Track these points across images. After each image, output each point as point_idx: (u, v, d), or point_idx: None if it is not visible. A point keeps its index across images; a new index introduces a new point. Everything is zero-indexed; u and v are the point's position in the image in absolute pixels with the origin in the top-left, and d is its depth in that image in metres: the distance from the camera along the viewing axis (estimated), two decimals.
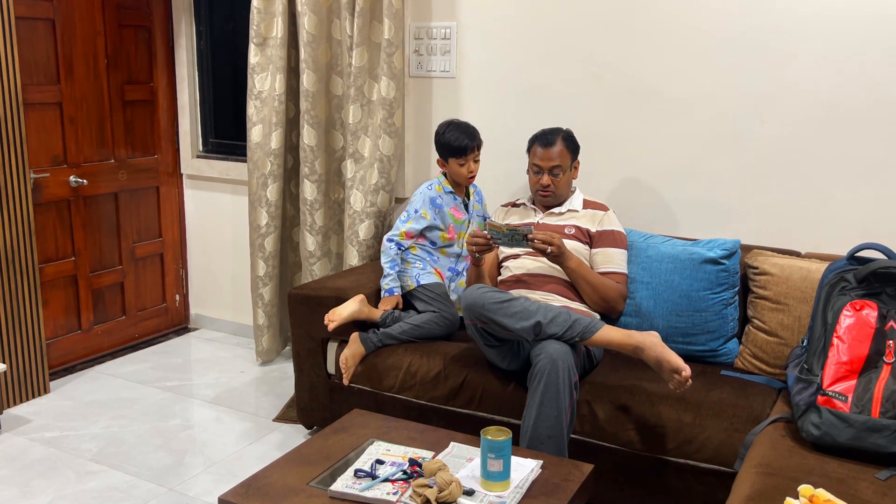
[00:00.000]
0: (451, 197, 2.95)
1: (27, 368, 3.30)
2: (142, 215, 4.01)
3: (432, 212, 2.91)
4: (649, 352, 2.28)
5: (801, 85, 2.68)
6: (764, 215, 2.81)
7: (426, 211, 2.91)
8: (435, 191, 2.93)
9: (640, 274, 2.71)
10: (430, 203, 2.91)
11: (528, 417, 2.29)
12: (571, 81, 3.05)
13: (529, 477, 1.99)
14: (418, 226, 2.91)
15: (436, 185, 2.95)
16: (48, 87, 3.48)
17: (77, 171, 3.64)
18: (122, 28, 3.78)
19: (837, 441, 1.93)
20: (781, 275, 2.53)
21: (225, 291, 4.16)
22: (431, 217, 2.91)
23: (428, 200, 2.91)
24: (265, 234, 3.59)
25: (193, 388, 3.51)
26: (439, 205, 2.92)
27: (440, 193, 2.93)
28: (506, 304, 2.37)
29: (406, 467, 2.00)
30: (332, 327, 2.74)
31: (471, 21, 3.21)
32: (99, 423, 3.15)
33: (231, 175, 3.95)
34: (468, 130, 2.89)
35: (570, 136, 2.81)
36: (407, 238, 2.92)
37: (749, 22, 2.72)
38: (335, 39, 3.39)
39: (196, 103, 4.09)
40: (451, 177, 2.94)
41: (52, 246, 3.58)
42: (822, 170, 2.70)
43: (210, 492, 2.65)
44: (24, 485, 2.69)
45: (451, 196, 2.95)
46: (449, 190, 2.95)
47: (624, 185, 3.03)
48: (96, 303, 3.83)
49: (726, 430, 2.22)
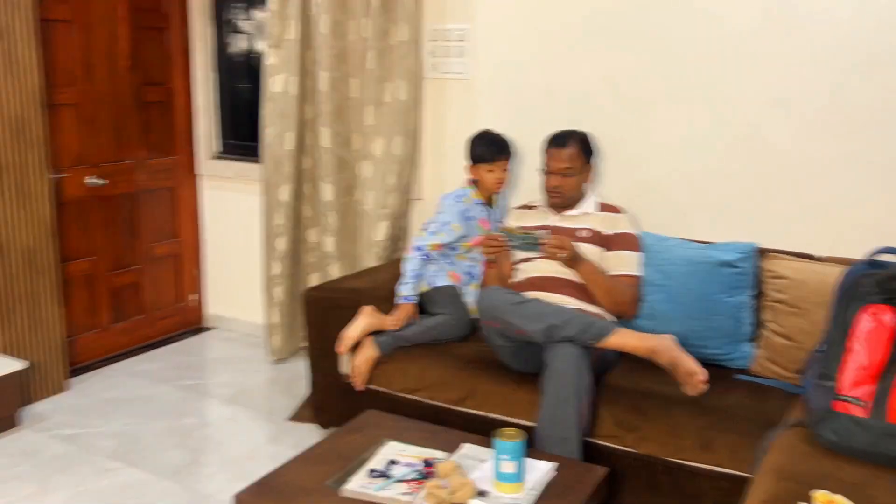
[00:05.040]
0: (479, 208, 2.96)
1: (47, 366, 3.34)
2: (159, 215, 4.04)
3: (463, 225, 2.91)
4: (664, 355, 2.27)
5: (817, 87, 2.67)
6: (780, 218, 2.80)
7: (458, 224, 2.90)
8: (464, 203, 2.93)
9: (655, 277, 2.71)
10: (461, 217, 2.91)
11: (542, 419, 2.29)
12: (586, 83, 3.05)
13: (543, 479, 1.99)
14: (449, 239, 2.90)
15: (464, 197, 2.95)
16: (68, 88, 3.51)
17: (96, 172, 3.67)
18: (141, 30, 3.81)
19: (854, 446, 1.92)
20: (797, 278, 2.52)
21: (240, 291, 4.18)
22: (463, 230, 2.92)
23: (459, 214, 2.91)
24: (278, 234, 3.60)
25: (209, 387, 3.54)
26: (470, 217, 2.93)
27: (469, 206, 2.94)
28: (520, 306, 2.38)
29: (420, 468, 2.00)
30: (344, 351, 2.76)
31: (486, 23, 3.22)
32: (116, 420, 3.18)
33: (247, 176, 3.98)
34: (500, 140, 2.95)
35: (585, 139, 2.81)
36: (436, 249, 2.92)
37: (765, 25, 2.71)
38: (350, 41, 3.41)
39: (213, 104, 4.12)
40: (480, 185, 2.95)
41: (72, 245, 3.62)
42: (839, 173, 2.68)
43: (225, 490, 2.67)
44: (42, 481, 2.72)
45: (479, 207, 2.96)
46: (478, 201, 2.96)
47: (638, 188, 3.02)
48: (114, 302, 3.87)
49: (741, 434, 2.21)
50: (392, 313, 2.82)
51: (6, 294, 3.15)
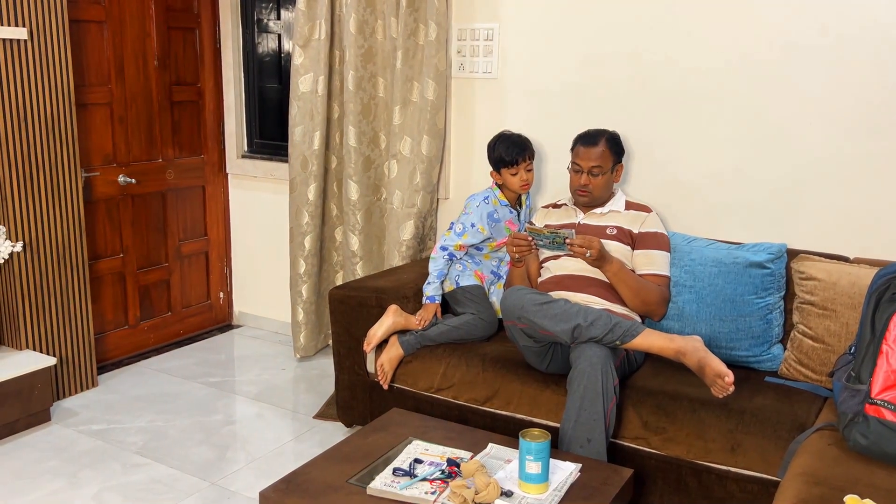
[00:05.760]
0: (506, 210, 2.94)
1: (76, 362, 3.39)
2: (188, 214, 4.09)
3: (489, 227, 2.90)
4: (691, 356, 2.25)
5: (850, 88, 2.62)
6: (811, 219, 2.76)
7: (483, 226, 2.88)
8: (491, 205, 2.91)
9: (683, 277, 2.68)
10: (487, 218, 2.89)
11: (567, 420, 2.28)
12: (614, 82, 3.03)
13: (568, 480, 1.98)
14: (475, 240, 2.90)
15: (492, 198, 2.92)
16: (99, 88, 3.56)
17: (126, 171, 3.72)
18: (171, 30, 3.85)
19: (886, 451, 1.88)
20: (829, 280, 2.48)
21: (267, 289, 4.22)
22: (488, 232, 2.90)
23: (486, 216, 2.89)
24: (305, 232, 3.62)
25: (236, 384, 3.57)
26: (496, 219, 2.91)
27: (496, 207, 2.92)
28: (546, 306, 2.36)
29: (444, 467, 2.00)
30: (369, 350, 2.77)
31: (514, 22, 3.21)
32: (144, 416, 3.22)
33: (275, 175, 4.01)
34: (519, 141, 2.89)
35: (614, 138, 2.79)
36: (461, 250, 2.91)
37: (796, 24, 2.67)
38: (378, 40, 3.42)
39: (242, 104, 4.15)
40: (506, 188, 2.93)
41: (102, 243, 3.67)
42: (872, 172, 2.64)
43: (251, 486, 2.69)
44: (71, 476, 2.76)
45: (506, 209, 2.94)
46: (504, 203, 2.94)
47: (667, 187, 2.99)
48: (143, 299, 3.91)
49: (769, 437, 2.18)
50: (418, 313, 2.83)
51: (37, 290, 3.20)
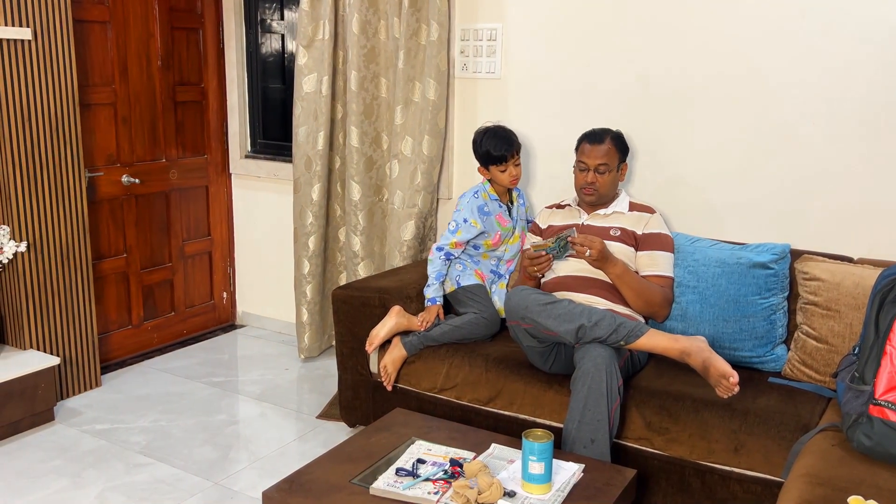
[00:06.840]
0: (496, 204, 2.94)
1: (80, 362, 3.39)
2: (191, 214, 4.09)
3: (481, 220, 2.89)
4: (696, 356, 2.25)
5: (854, 88, 2.62)
6: (814, 219, 2.75)
7: (475, 220, 2.88)
8: (482, 199, 2.91)
9: (687, 278, 2.68)
10: (478, 212, 2.89)
11: (570, 420, 2.27)
12: (618, 82, 3.03)
13: (571, 480, 1.98)
14: (469, 235, 2.89)
15: (482, 192, 2.92)
16: (103, 88, 3.57)
17: (130, 171, 3.72)
18: (175, 30, 3.86)
19: (890, 452, 1.88)
20: (832, 280, 2.47)
21: (271, 290, 4.22)
22: (481, 226, 2.89)
23: (476, 209, 2.89)
24: (309, 232, 3.63)
25: (239, 384, 3.57)
26: (487, 212, 2.91)
27: (486, 201, 2.91)
28: (550, 306, 2.36)
29: (447, 467, 2.00)
30: (372, 350, 2.77)
31: (517, 22, 3.21)
32: (147, 416, 3.22)
33: (279, 175, 4.01)
34: (505, 136, 2.87)
35: (619, 136, 2.79)
36: (457, 248, 2.91)
37: (800, 24, 2.67)
38: (381, 41, 3.42)
39: (245, 104, 4.16)
40: (495, 182, 2.93)
41: (105, 243, 3.68)
42: (875, 173, 2.63)
43: (254, 486, 2.69)
44: (75, 475, 2.76)
45: (496, 203, 2.94)
46: (494, 197, 2.93)
47: (670, 188, 2.99)
48: (146, 299, 3.92)
49: (773, 438, 2.18)
50: (420, 315, 2.83)
51: (41, 290, 3.21)
